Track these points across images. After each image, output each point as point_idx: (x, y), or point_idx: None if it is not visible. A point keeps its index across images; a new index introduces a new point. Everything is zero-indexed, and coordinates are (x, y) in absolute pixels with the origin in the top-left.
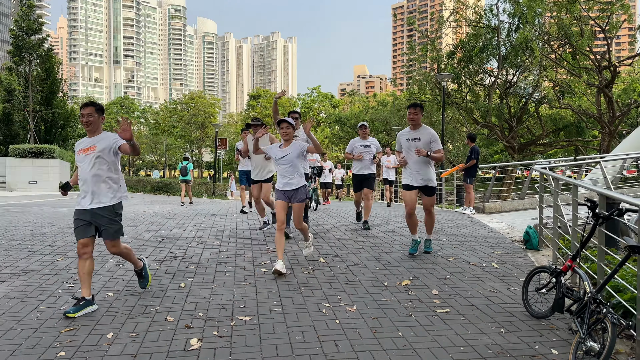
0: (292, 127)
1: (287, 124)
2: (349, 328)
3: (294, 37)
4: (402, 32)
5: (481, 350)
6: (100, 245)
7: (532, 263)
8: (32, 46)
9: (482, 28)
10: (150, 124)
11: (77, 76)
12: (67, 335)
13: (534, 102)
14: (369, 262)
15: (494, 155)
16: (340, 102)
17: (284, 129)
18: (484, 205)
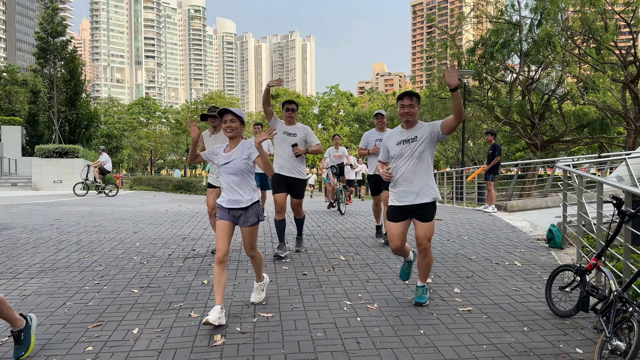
0: (239, 119)
1: (232, 115)
2: (370, 325)
3: (312, 35)
4: (422, 29)
5: (504, 349)
6: (120, 243)
7: (555, 262)
8: (57, 48)
9: (503, 24)
10: (171, 123)
11: (99, 77)
12: (95, 330)
13: (557, 98)
14: (389, 261)
15: (516, 153)
16: (359, 100)
17: (228, 122)
18: (506, 204)
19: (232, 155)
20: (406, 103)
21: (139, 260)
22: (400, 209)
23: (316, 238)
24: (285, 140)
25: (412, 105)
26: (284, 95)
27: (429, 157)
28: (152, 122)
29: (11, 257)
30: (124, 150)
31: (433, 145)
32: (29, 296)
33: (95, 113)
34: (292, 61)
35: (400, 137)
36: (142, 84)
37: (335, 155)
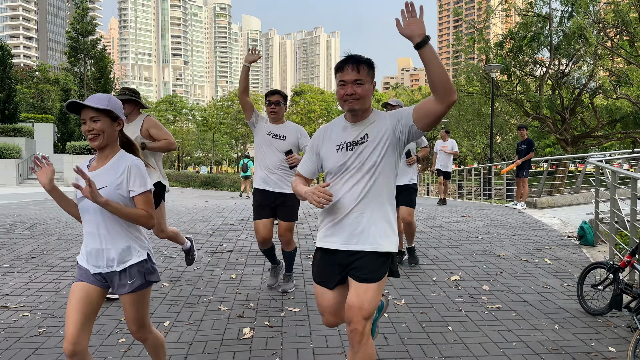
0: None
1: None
2: (397, 322)
3: (336, 31)
4: (448, 22)
5: (534, 346)
6: (150, 237)
7: (587, 259)
8: (87, 47)
9: (533, 17)
10: (197, 121)
11: (127, 75)
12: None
13: (589, 92)
14: None
15: (546, 149)
16: (384, 96)
17: None
18: (536, 200)
19: (97, 177)
20: (349, 78)
21: (168, 254)
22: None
23: None
24: (271, 144)
25: (360, 81)
26: (309, 91)
27: (388, 172)
28: (179, 119)
29: (46, 251)
30: None
31: (398, 149)
32: (63, 289)
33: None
34: (316, 57)
35: (342, 137)
36: (169, 82)
37: None
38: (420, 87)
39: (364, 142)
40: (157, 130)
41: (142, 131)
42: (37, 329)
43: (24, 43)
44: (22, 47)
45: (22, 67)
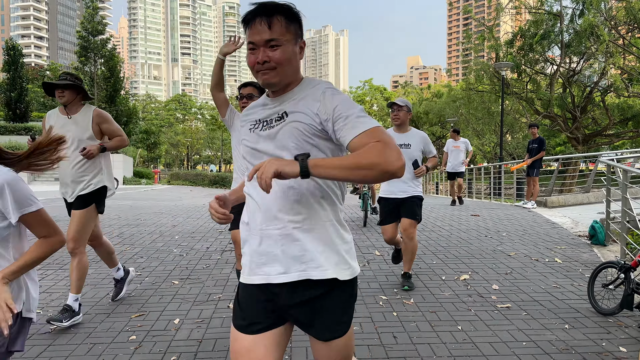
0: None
1: None
2: (406, 321)
3: (345, 30)
4: (458, 20)
5: (544, 346)
6: (160, 236)
7: (598, 259)
8: (97, 46)
9: (543, 14)
10: (206, 120)
11: (137, 74)
12: (137, 320)
13: (600, 90)
14: (425, 256)
15: (557, 147)
16: (393, 94)
17: None
18: (546, 199)
19: None
20: (259, 38)
21: (178, 252)
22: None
23: (362, 229)
24: None
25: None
26: None
27: None
28: (188, 118)
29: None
30: (162, 146)
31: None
32: None
33: (134, 110)
34: (325, 56)
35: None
36: (179, 81)
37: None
38: (430, 85)
39: (280, 121)
40: (109, 126)
41: (92, 127)
42: (48, 326)
43: (35, 43)
44: (33, 46)
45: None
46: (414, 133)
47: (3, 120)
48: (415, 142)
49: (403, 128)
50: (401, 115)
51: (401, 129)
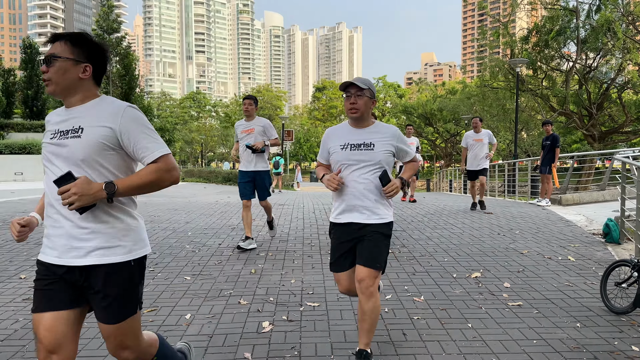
0: None
1: None
2: (416, 318)
3: (359, 26)
4: (473, 17)
5: (555, 344)
6: (174, 232)
7: (612, 257)
8: (112, 44)
9: (559, 10)
10: (220, 117)
11: (152, 72)
12: (149, 315)
13: (617, 87)
14: (436, 254)
15: (572, 145)
16: (407, 91)
17: None
18: (561, 197)
19: None
20: None
21: (191, 248)
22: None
23: None
24: None
25: None
26: (331, 87)
27: None
28: (202, 115)
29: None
30: (176, 143)
31: None
32: None
33: (149, 107)
34: (338, 53)
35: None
36: (193, 79)
37: None
38: (444, 82)
39: None
40: None
41: None
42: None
43: None
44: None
45: None
46: (380, 127)
47: (20, 118)
48: (381, 141)
49: (362, 121)
50: (360, 104)
51: (359, 122)
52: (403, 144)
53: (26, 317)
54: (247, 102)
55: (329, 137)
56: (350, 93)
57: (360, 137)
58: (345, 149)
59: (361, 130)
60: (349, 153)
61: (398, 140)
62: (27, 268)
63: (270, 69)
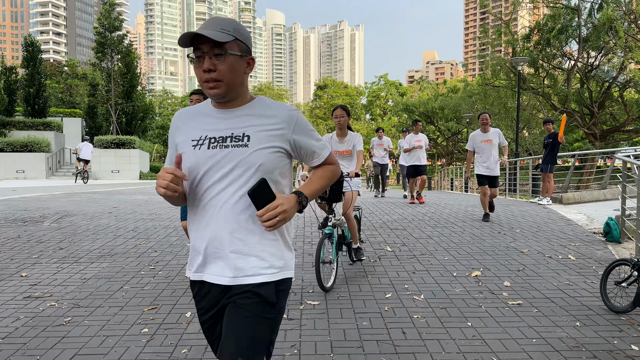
0: None
1: None
2: (416, 317)
3: (361, 25)
4: (475, 15)
5: (554, 343)
6: (174, 230)
7: (612, 256)
8: (114, 42)
9: (561, 8)
10: None
11: (153, 70)
12: (150, 313)
13: (618, 86)
14: (437, 252)
15: (574, 143)
16: (408, 89)
17: None
18: (562, 196)
19: None
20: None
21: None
22: None
23: (362, 229)
24: None
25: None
26: (332, 85)
27: None
28: None
29: (73, 243)
30: None
31: None
32: (89, 279)
33: (150, 105)
34: (340, 51)
35: None
36: (195, 77)
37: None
38: (446, 80)
39: None
40: None
41: None
42: (63, 318)
43: (54, 39)
44: (51, 42)
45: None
46: (264, 107)
47: (22, 116)
48: (262, 131)
49: (231, 98)
50: (223, 71)
51: (226, 101)
52: (306, 134)
53: (27, 315)
54: None
55: (177, 125)
56: (201, 53)
57: (227, 125)
58: (201, 145)
59: (229, 112)
60: (206, 153)
61: (296, 129)
62: (28, 266)
63: (272, 67)
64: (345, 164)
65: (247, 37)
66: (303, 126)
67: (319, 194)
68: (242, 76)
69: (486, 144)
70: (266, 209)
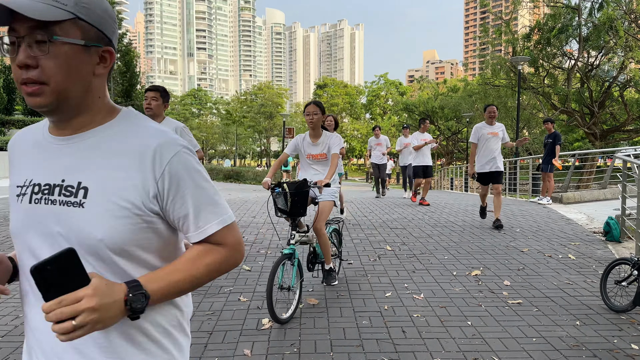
0: None
1: None
2: (416, 315)
3: (361, 24)
4: (475, 14)
5: (554, 342)
6: None
7: (612, 255)
8: None
9: (561, 8)
10: (221, 114)
11: (153, 69)
12: None
13: (618, 85)
14: (436, 252)
15: (574, 143)
16: (408, 89)
17: None
18: (562, 195)
19: None
20: None
21: None
22: None
23: (362, 228)
24: None
25: None
26: (332, 84)
27: None
28: (203, 112)
29: None
30: None
31: None
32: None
33: None
34: (340, 50)
35: None
36: (194, 76)
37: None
38: (446, 80)
39: None
40: None
41: None
42: None
43: None
44: None
45: None
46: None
47: (21, 114)
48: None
49: (68, 115)
50: (49, 69)
51: (61, 118)
52: (184, 184)
53: None
54: None
55: (11, 160)
56: (15, 37)
57: (60, 164)
58: (23, 196)
59: (65, 141)
60: (27, 210)
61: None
62: None
63: (271, 66)
64: (320, 170)
65: (100, 16)
66: (181, 167)
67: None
68: (86, 78)
69: (492, 136)
70: (58, 301)
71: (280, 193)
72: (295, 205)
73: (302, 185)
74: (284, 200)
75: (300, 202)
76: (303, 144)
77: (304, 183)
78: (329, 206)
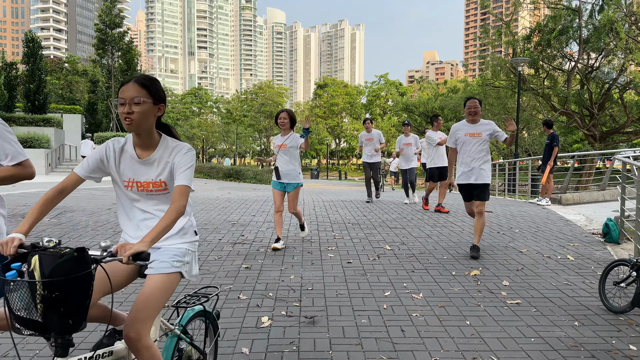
0: None
1: None
2: (415, 315)
3: (361, 24)
4: (475, 15)
5: (553, 343)
6: None
7: (611, 256)
8: (114, 39)
9: (562, 9)
10: (222, 113)
11: (154, 67)
12: None
13: (618, 87)
14: (436, 251)
15: (573, 145)
16: (409, 89)
17: None
18: (561, 197)
19: None
20: None
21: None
22: None
23: (362, 227)
24: None
25: None
26: (332, 84)
27: None
28: (204, 111)
29: (72, 238)
30: None
31: None
32: None
33: None
34: (340, 50)
35: None
36: (195, 75)
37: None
38: (446, 80)
39: None
40: None
41: None
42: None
43: (54, 35)
44: (52, 39)
45: (51, 59)
46: None
47: (22, 112)
48: None
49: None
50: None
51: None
52: None
53: None
54: None
55: None
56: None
57: None
58: None
59: None
60: None
61: None
62: None
63: (272, 65)
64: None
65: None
66: None
67: None
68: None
69: (472, 137)
70: None
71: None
72: (54, 304)
73: (75, 261)
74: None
75: (66, 297)
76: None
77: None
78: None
